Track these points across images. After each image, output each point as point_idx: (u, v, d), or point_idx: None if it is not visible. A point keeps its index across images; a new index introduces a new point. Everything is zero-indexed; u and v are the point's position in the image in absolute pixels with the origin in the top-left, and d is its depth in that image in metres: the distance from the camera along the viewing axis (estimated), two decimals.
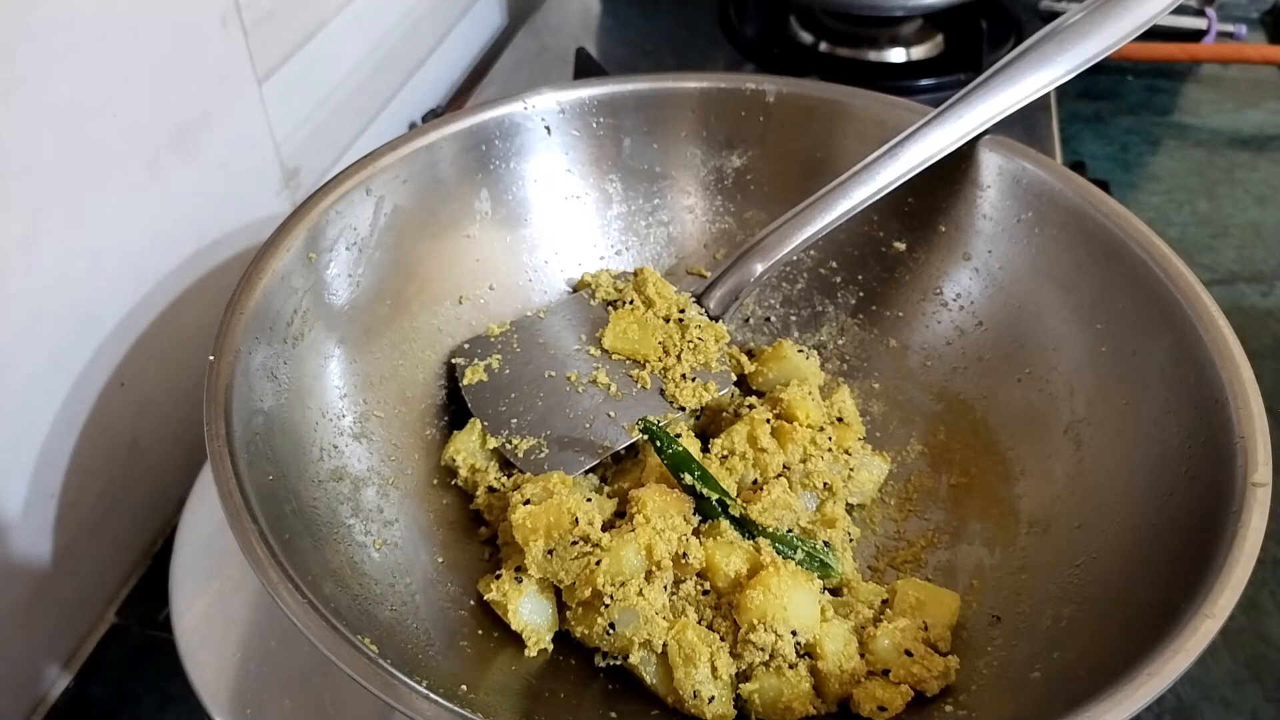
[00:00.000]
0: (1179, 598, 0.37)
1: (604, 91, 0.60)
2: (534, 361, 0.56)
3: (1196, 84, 1.04)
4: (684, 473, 0.48)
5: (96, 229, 0.52)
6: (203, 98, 0.58)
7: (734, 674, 0.44)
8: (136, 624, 0.58)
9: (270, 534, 0.38)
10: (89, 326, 0.53)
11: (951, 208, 0.58)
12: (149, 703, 0.54)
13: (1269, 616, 0.57)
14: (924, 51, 0.92)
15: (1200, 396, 0.44)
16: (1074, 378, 0.52)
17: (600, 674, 0.46)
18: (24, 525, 0.51)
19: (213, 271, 0.61)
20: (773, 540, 0.47)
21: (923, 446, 0.56)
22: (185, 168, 0.57)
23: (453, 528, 0.51)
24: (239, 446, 0.41)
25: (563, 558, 0.45)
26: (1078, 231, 0.53)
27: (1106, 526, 0.46)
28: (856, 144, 0.58)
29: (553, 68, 0.92)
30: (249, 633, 0.49)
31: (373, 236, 0.54)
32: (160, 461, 0.61)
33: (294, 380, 0.48)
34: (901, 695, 0.43)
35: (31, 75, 0.45)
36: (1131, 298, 0.49)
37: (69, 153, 0.49)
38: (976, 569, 0.50)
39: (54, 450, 0.52)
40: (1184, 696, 0.54)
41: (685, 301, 0.57)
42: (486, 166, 0.59)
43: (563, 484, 0.48)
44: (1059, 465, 0.50)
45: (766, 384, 0.57)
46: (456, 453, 0.52)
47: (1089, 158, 0.92)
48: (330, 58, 0.72)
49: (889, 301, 0.60)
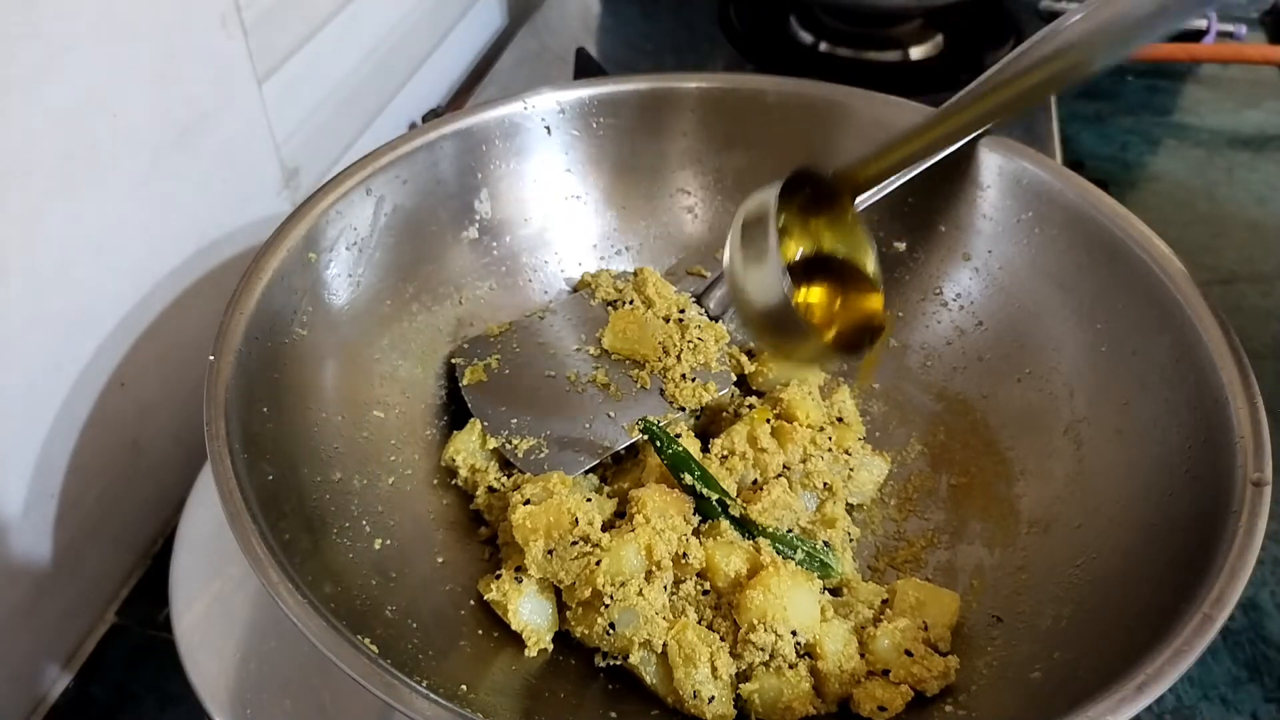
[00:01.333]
0: (1179, 598, 0.37)
1: (604, 91, 0.60)
2: (534, 361, 0.56)
3: (1196, 84, 1.04)
4: (684, 473, 0.48)
5: (96, 229, 0.52)
6: (203, 98, 0.58)
7: (734, 674, 0.44)
8: (136, 624, 0.58)
9: (270, 534, 0.38)
10: (89, 327, 0.53)
11: (951, 208, 0.58)
12: (149, 703, 0.54)
13: (1269, 616, 0.57)
14: (924, 51, 0.92)
15: (1200, 396, 0.44)
16: (1074, 378, 0.52)
17: (600, 674, 0.46)
18: (24, 525, 0.51)
19: (213, 271, 0.61)
20: (773, 540, 0.47)
21: (923, 446, 0.56)
22: (185, 168, 0.57)
23: (453, 528, 0.51)
24: (239, 446, 0.41)
25: (563, 558, 0.45)
26: (1078, 231, 0.53)
27: (1106, 526, 0.46)
28: (856, 144, 0.58)
29: (553, 68, 0.92)
30: (249, 633, 0.49)
31: (373, 236, 0.54)
32: (160, 462, 0.61)
33: (294, 380, 0.48)
34: (901, 695, 0.43)
35: (32, 75, 0.45)
36: (1131, 298, 0.49)
37: (69, 153, 0.49)
38: (976, 569, 0.50)
39: (54, 450, 0.52)
40: (1184, 696, 0.54)
41: (685, 301, 0.57)
42: (486, 166, 0.59)
43: (563, 484, 0.48)
44: (1059, 465, 0.50)
45: (766, 384, 0.57)
46: (456, 453, 0.52)
47: (1089, 158, 0.92)
48: (330, 58, 0.72)
49: (889, 301, 0.60)
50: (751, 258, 0.44)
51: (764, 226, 0.43)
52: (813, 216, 0.49)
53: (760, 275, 0.43)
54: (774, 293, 0.43)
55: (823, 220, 0.49)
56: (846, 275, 0.50)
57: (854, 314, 0.49)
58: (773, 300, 0.43)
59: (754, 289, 0.44)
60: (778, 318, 0.44)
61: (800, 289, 0.48)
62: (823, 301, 0.49)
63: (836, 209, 0.49)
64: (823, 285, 0.50)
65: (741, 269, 0.45)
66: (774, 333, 0.46)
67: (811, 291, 0.49)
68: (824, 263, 0.49)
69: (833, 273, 0.50)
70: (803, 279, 0.48)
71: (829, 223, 0.50)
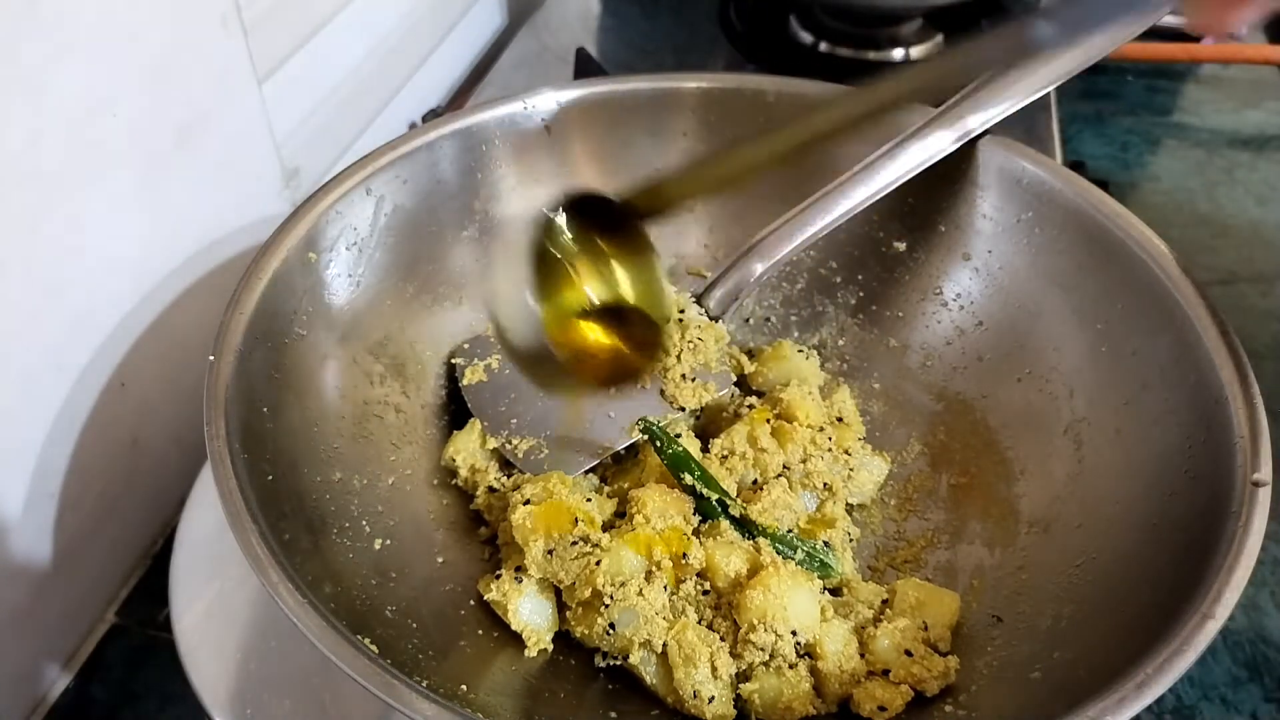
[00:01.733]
0: (1179, 598, 0.37)
1: (604, 91, 0.60)
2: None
3: (1196, 84, 1.04)
4: (684, 473, 0.48)
5: (96, 229, 0.52)
6: (203, 98, 0.58)
7: (734, 674, 0.44)
8: (136, 624, 0.58)
9: (270, 534, 0.38)
10: (89, 326, 0.53)
11: (951, 208, 0.58)
12: (149, 703, 0.54)
13: (1269, 616, 0.57)
14: (924, 51, 0.92)
15: (1200, 396, 0.44)
16: (1074, 378, 0.52)
17: (600, 674, 0.46)
18: (24, 525, 0.51)
19: (213, 271, 0.61)
20: (773, 540, 0.47)
21: (923, 446, 0.56)
22: (185, 168, 0.57)
23: (453, 528, 0.51)
24: (239, 446, 0.41)
25: (563, 558, 0.45)
26: (1078, 231, 0.53)
27: (1106, 526, 0.46)
28: (856, 144, 0.58)
29: (553, 68, 0.92)
30: (249, 633, 0.49)
31: (373, 236, 0.54)
32: (160, 462, 0.61)
33: (294, 380, 0.48)
34: (901, 695, 0.43)
35: (31, 75, 0.46)
36: (1131, 298, 0.49)
37: (69, 153, 0.49)
38: (976, 569, 0.50)
39: (54, 450, 0.52)
40: (1184, 696, 0.54)
41: (685, 301, 0.57)
42: (486, 166, 0.59)
43: (563, 484, 0.48)
44: (1059, 465, 0.50)
45: (766, 384, 0.57)
46: (456, 453, 0.52)
47: (1089, 158, 0.91)
48: (330, 58, 0.72)
49: (889, 301, 0.60)
50: (516, 299, 0.45)
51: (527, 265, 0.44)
52: (604, 234, 0.48)
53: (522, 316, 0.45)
54: (533, 333, 0.44)
55: (615, 239, 0.48)
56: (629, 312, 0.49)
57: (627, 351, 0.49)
58: (533, 341, 0.44)
59: (516, 330, 0.45)
60: (537, 355, 0.45)
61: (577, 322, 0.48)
62: (596, 335, 0.49)
63: (629, 231, 0.48)
64: (603, 320, 0.49)
65: (504, 310, 0.45)
66: (534, 368, 0.47)
67: (589, 324, 0.48)
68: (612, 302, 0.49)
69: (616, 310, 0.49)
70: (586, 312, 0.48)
71: (620, 244, 0.49)
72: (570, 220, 0.46)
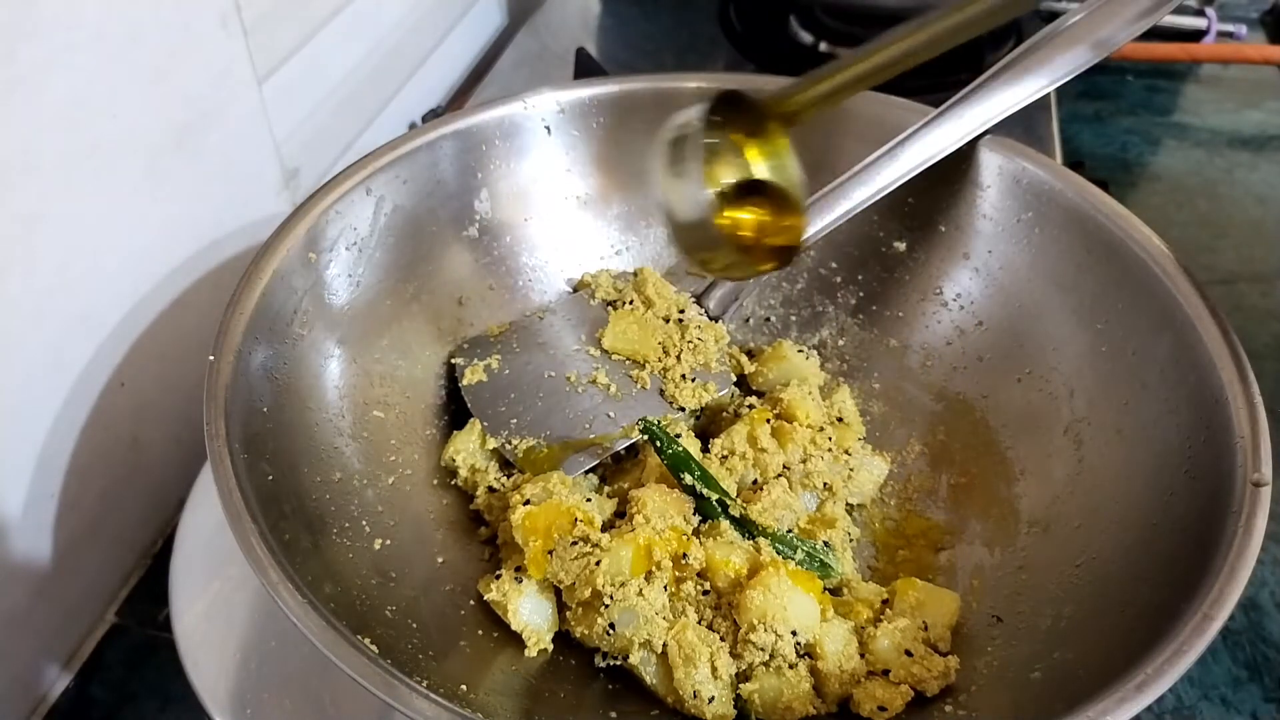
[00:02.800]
0: (1179, 598, 0.37)
1: (604, 91, 0.60)
2: (534, 362, 0.56)
3: (1196, 84, 1.04)
4: (684, 473, 0.48)
5: (96, 229, 0.52)
6: (203, 98, 0.58)
7: (734, 674, 0.44)
8: (136, 624, 0.58)
9: (270, 534, 0.38)
10: (89, 326, 0.53)
11: (951, 208, 0.58)
12: (149, 703, 0.54)
13: (1269, 616, 0.57)
14: None
15: (1200, 396, 0.44)
16: (1074, 378, 0.52)
17: (600, 674, 0.46)
18: (24, 525, 0.51)
19: (213, 271, 0.61)
20: (773, 540, 0.47)
21: (923, 446, 0.56)
22: (185, 168, 0.57)
23: (453, 528, 0.51)
24: (239, 446, 0.41)
25: (563, 558, 0.45)
26: (1078, 231, 0.53)
27: (1106, 526, 0.46)
28: (856, 144, 0.58)
29: (553, 68, 0.92)
30: (249, 633, 0.49)
31: (373, 236, 0.54)
32: (160, 461, 0.61)
33: (294, 380, 0.48)
34: (901, 695, 0.43)
35: (31, 75, 0.46)
36: (1131, 298, 0.49)
37: (69, 153, 0.49)
38: (976, 569, 0.50)
39: (54, 450, 0.52)
40: (1184, 696, 0.54)
41: (685, 301, 0.57)
42: (486, 166, 0.59)
43: (563, 484, 0.48)
44: (1059, 465, 0.50)
45: (766, 384, 0.57)
46: (456, 453, 0.52)
47: (1089, 158, 0.91)
48: (330, 58, 0.72)
49: (889, 301, 0.60)
50: (677, 174, 0.46)
51: (690, 144, 0.45)
52: (744, 138, 0.50)
53: (684, 190, 0.46)
54: (696, 207, 0.46)
55: (754, 144, 0.50)
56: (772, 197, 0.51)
57: (776, 233, 0.51)
58: (694, 215, 0.46)
59: (678, 203, 0.47)
60: (699, 230, 0.46)
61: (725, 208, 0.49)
62: (747, 219, 0.50)
63: (768, 134, 0.50)
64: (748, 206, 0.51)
65: (667, 183, 0.47)
66: (696, 245, 0.48)
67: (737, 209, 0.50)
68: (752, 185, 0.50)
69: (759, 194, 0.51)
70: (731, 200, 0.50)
71: (760, 147, 0.50)
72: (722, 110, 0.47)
